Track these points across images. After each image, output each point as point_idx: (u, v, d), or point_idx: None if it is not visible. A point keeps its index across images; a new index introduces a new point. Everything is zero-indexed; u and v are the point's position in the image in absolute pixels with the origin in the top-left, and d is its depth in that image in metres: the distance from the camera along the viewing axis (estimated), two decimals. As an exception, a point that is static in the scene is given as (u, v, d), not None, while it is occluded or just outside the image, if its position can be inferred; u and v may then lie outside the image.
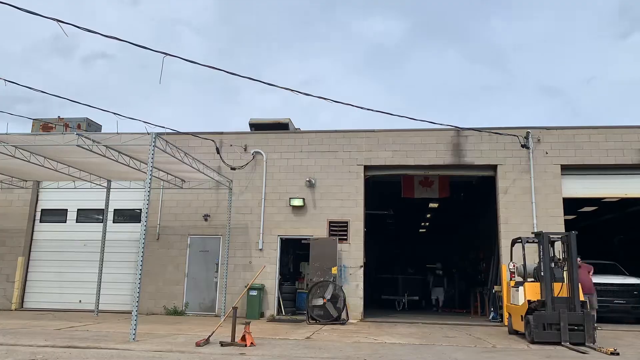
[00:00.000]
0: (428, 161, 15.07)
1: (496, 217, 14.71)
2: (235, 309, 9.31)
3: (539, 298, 10.00)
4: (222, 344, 8.80)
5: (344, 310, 13.46)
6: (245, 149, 15.83)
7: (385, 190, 18.32)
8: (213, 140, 15.83)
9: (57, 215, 16.72)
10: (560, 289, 9.95)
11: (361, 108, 11.77)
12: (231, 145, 15.87)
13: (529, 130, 14.71)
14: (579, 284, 9.92)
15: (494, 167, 14.89)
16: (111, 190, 15.06)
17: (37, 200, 16.88)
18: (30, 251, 16.57)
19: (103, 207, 15.26)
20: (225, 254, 14.91)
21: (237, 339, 8.93)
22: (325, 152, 15.50)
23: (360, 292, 14.55)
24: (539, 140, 14.71)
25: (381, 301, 19.75)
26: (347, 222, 14.99)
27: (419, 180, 16.66)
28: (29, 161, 12.19)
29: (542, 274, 10.00)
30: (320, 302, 13.22)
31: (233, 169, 15.66)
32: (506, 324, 12.12)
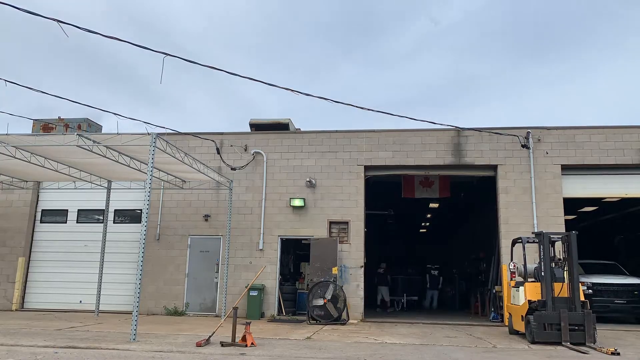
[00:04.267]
0: (428, 161, 15.08)
1: (496, 217, 14.72)
2: (235, 309, 9.32)
3: (540, 298, 10.01)
4: (223, 344, 8.81)
5: (345, 311, 13.46)
6: (245, 149, 15.84)
7: (386, 191, 18.31)
8: (213, 141, 15.85)
9: (57, 216, 16.72)
10: (560, 289, 9.97)
11: (361, 108, 11.79)
12: (231, 146, 15.88)
13: (529, 130, 14.71)
14: None
15: (494, 167, 14.89)
16: (111, 190, 15.06)
17: (37, 200, 16.89)
18: (30, 251, 16.58)
19: (103, 208, 15.26)
20: (226, 254, 14.92)
21: (238, 339, 8.95)
22: (325, 152, 15.50)
23: (361, 292, 14.55)
24: (539, 140, 14.71)
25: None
26: (347, 222, 14.99)
27: (419, 180, 16.65)
28: (29, 162, 12.19)
29: (542, 274, 10.01)
30: (320, 302, 13.22)
31: (233, 169, 15.67)
32: (506, 324, 12.13)
